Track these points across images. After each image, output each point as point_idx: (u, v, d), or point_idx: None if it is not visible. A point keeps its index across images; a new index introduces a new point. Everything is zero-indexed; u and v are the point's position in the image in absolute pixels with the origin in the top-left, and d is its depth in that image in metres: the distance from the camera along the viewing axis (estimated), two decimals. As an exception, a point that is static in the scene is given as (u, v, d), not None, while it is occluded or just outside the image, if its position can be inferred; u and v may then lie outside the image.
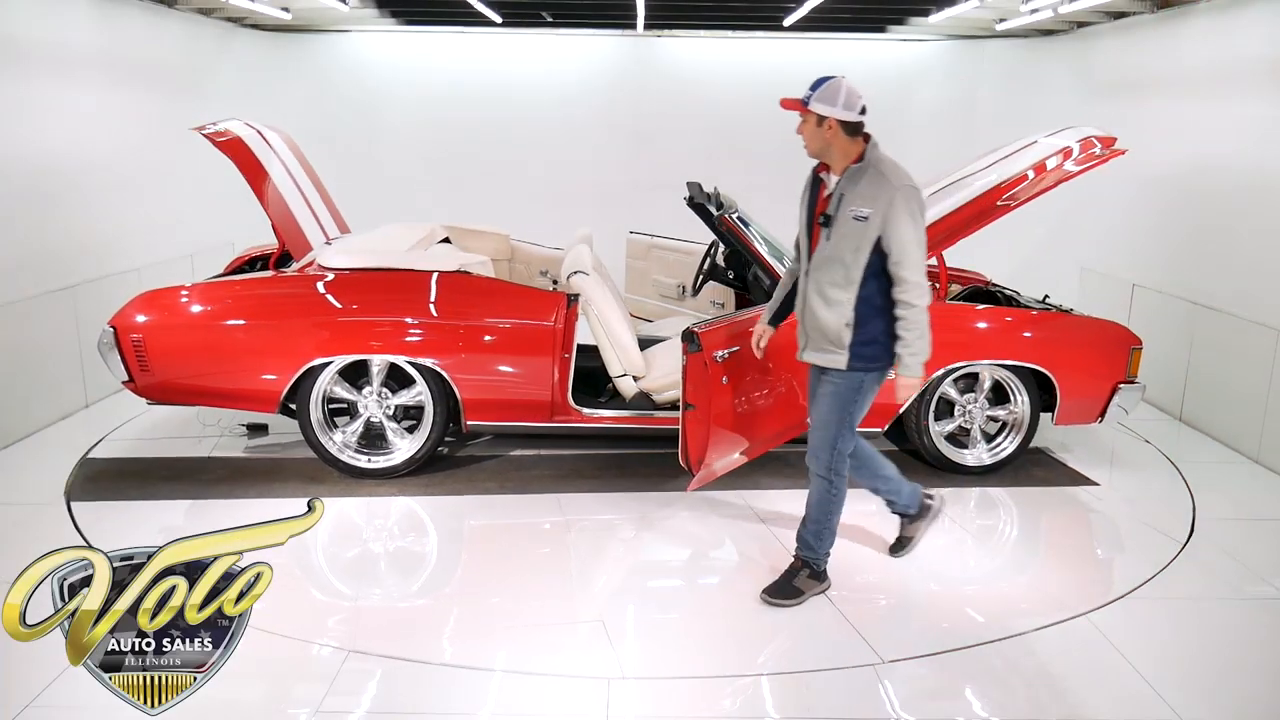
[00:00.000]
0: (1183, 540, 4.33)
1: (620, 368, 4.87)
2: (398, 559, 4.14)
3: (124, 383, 4.63)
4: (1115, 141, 5.03)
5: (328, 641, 3.35)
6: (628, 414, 4.88)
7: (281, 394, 4.64)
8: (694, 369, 4.08)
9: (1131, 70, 7.07)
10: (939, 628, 3.56)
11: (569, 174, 9.00)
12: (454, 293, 4.73)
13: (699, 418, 4.14)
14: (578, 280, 4.81)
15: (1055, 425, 5.04)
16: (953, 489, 4.90)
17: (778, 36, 8.77)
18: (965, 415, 5.06)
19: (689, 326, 4.13)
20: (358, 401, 4.78)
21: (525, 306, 4.72)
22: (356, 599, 3.72)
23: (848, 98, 3.43)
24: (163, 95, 7.06)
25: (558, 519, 4.50)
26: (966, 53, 8.90)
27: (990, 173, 5.05)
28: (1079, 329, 5.03)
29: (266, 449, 5.23)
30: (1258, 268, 5.48)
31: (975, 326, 4.91)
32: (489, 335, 4.69)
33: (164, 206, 6.95)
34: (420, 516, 4.50)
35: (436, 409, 4.74)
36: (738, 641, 3.45)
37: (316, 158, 8.63)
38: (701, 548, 4.37)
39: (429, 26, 8.71)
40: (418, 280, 4.71)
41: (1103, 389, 4.95)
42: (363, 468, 4.80)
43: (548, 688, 3.14)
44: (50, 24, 5.70)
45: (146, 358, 4.55)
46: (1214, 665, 3.38)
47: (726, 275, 5.89)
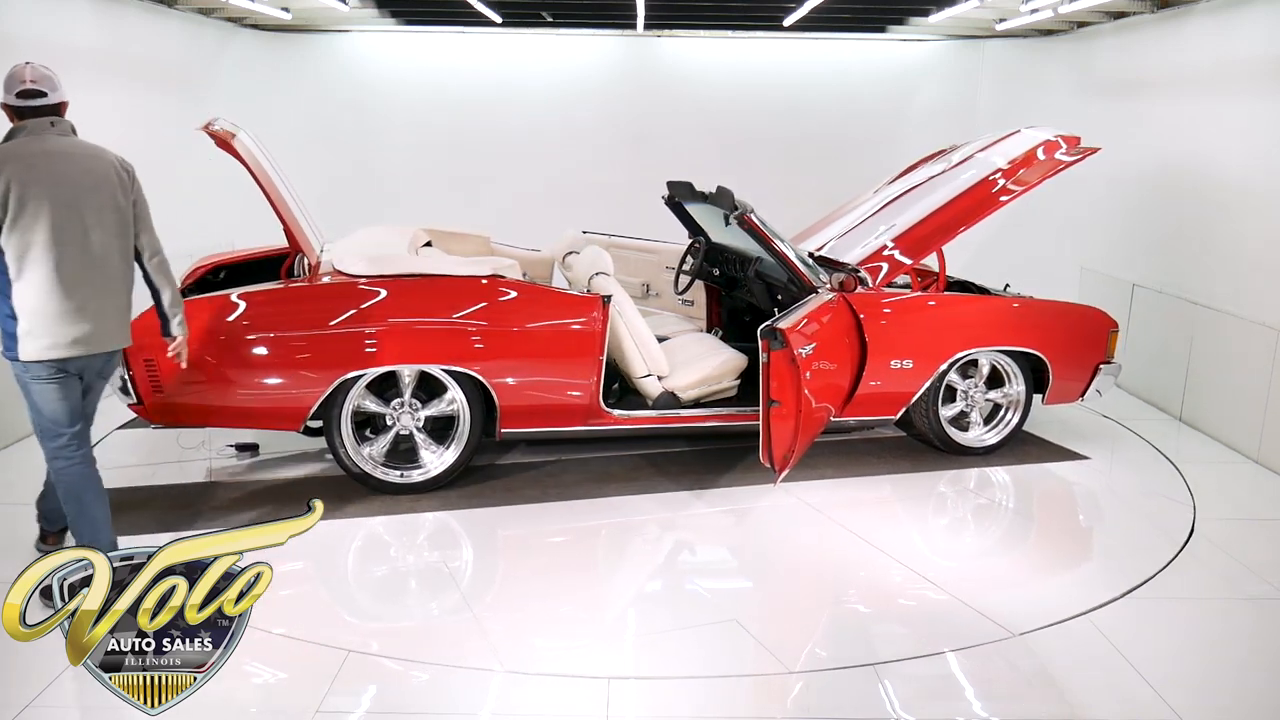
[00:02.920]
0: (1183, 540, 4.33)
1: (645, 368, 4.85)
2: (436, 573, 4.05)
3: (131, 405, 4.35)
4: (1080, 141, 5.32)
5: (328, 641, 3.35)
6: (655, 414, 4.88)
7: (310, 410, 4.40)
8: (780, 366, 4.14)
9: (1131, 70, 7.07)
10: (939, 628, 3.56)
11: (569, 174, 8.99)
12: (491, 297, 4.58)
13: (785, 414, 4.20)
14: (601, 281, 4.79)
15: (1044, 405, 5.37)
16: (954, 489, 4.92)
17: (778, 36, 8.77)
18: (968, 400, 5.24)
19: (768, 324, 4.17)
20: (385, 414, 4.58)
21: (564, 309, 4.62)
22: (379, 613, 3.72)
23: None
24: (163, 95, 7.06)
25: (613, 520, 4.51)
26: (966, 53, 8.91)
27: (951, 178, 5.36)
28: (1066, 314, 5.35)
29: (271, 468, 4.99)
30: (1258, 267, 5.47)
31: (979, 316, 5.18)
32: (529, 340, 4.56)
33: (164, 207, 6.90)
34: (455, 528, 4.36)
35: (473, 417, 4.62)
36: (738, 641, 3.45)
37: (316, 158, 8.69)
38: (707, 547, 4.38)
39: (429, 26, 8.70)
40: (452, 285, 4.56)
41: (1086, 370, 5.32)
42: (396, 483, 4.59)
43: (548, 688, 3.14)
44: (50, 24, 5.70)
45: (160, 378, 4.26)
46: (1214, 665, 3.38)
47: (711, 273, 5.94)
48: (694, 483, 4.86)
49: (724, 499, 4.70)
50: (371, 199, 8.88)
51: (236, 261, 5.33)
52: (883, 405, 5.10)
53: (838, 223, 5.88)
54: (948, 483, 5.05)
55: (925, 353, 5.02)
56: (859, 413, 5.05)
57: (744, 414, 5.00)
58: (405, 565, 4.10)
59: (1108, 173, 7.20)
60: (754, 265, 5.43)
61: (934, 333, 5.07)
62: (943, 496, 4.90)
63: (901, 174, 6.13)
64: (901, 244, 5.12)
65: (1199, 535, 4.38)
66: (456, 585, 3.87)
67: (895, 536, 4.37)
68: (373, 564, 4.11)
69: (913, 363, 4.99)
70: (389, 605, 3.76)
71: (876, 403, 5.06)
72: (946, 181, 5.39)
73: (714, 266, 5.95)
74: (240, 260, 5.33)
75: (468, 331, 4.48)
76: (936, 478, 5.07)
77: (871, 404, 5.05)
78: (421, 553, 4.18)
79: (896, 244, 5.13)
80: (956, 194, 5.19)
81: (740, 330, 6.00)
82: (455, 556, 4.15)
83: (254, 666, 3.09)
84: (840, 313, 4.77)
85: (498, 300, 4.58)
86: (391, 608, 3.74)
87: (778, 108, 8.88)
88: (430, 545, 4.24)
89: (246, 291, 4.48)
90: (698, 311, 6.34)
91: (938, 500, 4.85)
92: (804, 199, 7.55)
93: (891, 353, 4.94)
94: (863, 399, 4.97)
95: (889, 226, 5.31)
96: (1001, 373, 5.29)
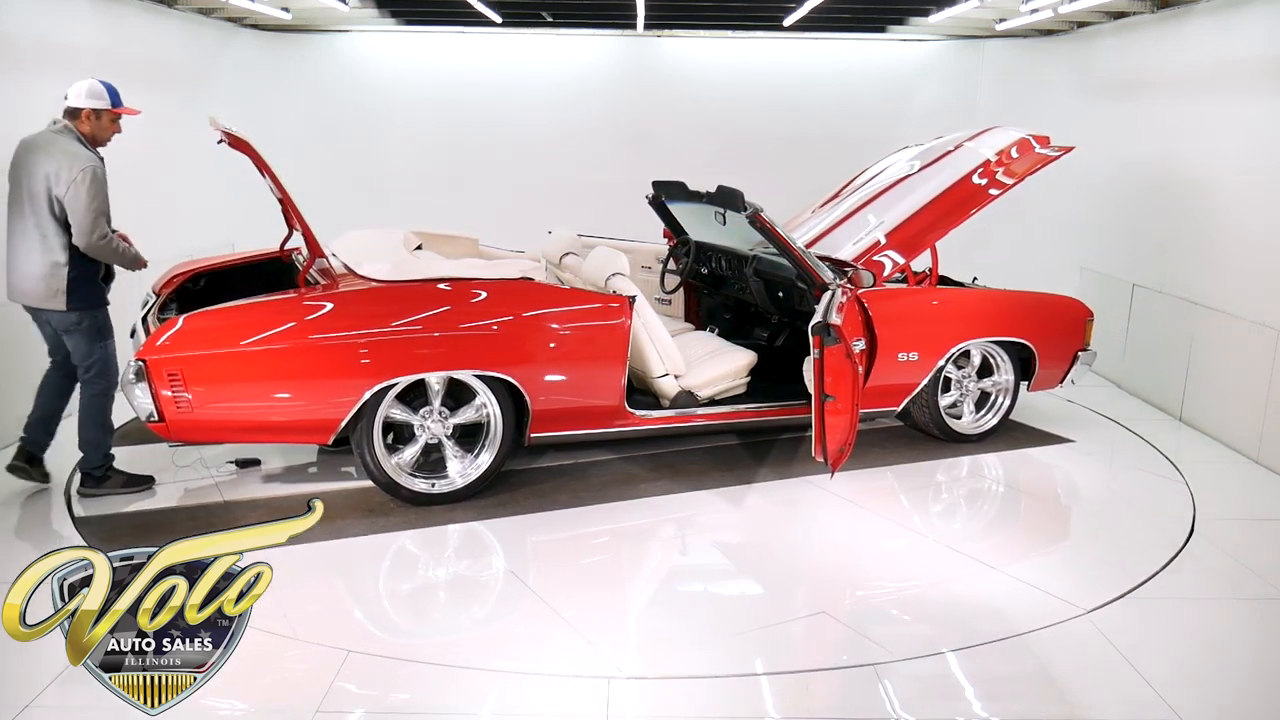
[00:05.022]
0: (1183, 540, 4.33)
1: (663, 367, 4.86)
2: (467, 585, 4.01)
3: (149, 423, 4.10)
4: (1050, 140, 5.51)
5: (328, 641, 3.35)
6: (676, 414, 4.90)
7: (344, 421, 4.24)
8: (834, 361, 4.22)
9: (1131, 70, 7.07)
10: (939, 628, 3.56)
11: (569, 174, 9.00)
12: (523, 300, 4.50)
13: (841, 408, 4.27)
14: (619, 282, 4.78)
15: (1030, 392, 5.60)
16: (954, 490, 4.91)
17: (778, 36, 8.77)
18: (962, 389, 5.48)
19: (820, 320, 4.24)
20: (414, 423, 4.45)
21: (595, 310, 4.59)
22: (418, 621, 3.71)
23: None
24: (163, 95, 7.05)
25: (654, 519, 4.52)
26: (966, 53, 8.91)
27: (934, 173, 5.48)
28: (1048, 305, 5.62)
29: (280, 484, 4.76)
30: (1258, 267, 5.47)
31: (976, 308, 5.39)
32: (562, 342, 4.50)
33: (164, 207, 6.94)
34: (488, 537, 4.28)
35: (505, 422, 4.54)
36: (738, 641, 3.45)
37: (316, 158, 8.70)
38: (712, 546, 4.38)
39: (429, 26, 8.71)
40: (483, 289, 4.46)
41: (1067, 357, 5.60)
42: (428, 493, 4.47)
43: (548, 688, 3.14)
44: (50, 24, 5.70)
45: (186, 393, 4.05)
46: (1214, 665, 3.38)
47: (700, 272, 5.98)
48: (719, 479, 4.90)
49: (767, 493, 4.78)
50: (371, 199, 8.88)
51: (216, 268, 5.18)
52: (889, 397, 5.20)
53: (814, 221, 5.94)
54: (944, 472, 5.15)
55: (929, 345, 5.17)
56: (867, 405, 5.11)
57: (760, 410, 5.08)
58: (456, 576, 4.02)
59: (1108, 173, 7.20)
60: (752, 264, 5.44)
61: (936, 325, 5.23)
62: (943, 496, 4.92)
63: (867, 172, 6.19)
64: (895, 241, 5.22)
65: (1199, 535, 4.38)
66: (497, 592, 3.85)
67: (894, 536, 4.37)
68: (416, 574, 4.03)
69: (918, 355, 5.13)
70: (394, 608, 3.77)
71: (884, 395, 5.16)
72: (931, 177, 5.49)
73: (700, 265, 5.98)
74: (220, 267, 5.18)
75: (504, 336, 4.41)
76: (934, 466, 5.20)
77: (879, 396, 5.14)
78: (450, 563, 4.10)
79: (890, 240, 5.23)
80: (944, 189, 5.32)
81: (729, 328, 6.12)
82: (486, 565, 4.11)
83: (254, 666, 3.08)
84: (852, 308, 4.83)
85: (530, 303, 4.50)
86: (392, 611, 3.75)
87: (778, 108, 8.88)
88: (460, 555, 4.16)
89: (275, 299, 4.31)
90: (674, 310, 6.40)
91: (938, 499, 4.86)
92: (804, 199, 7.53)
93: (899, 346, 5.05)
94: (871, 391, 5.04)
95: (879, 223, 5.40)
96: (991, 362, 5.50)
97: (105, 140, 4.41)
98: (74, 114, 4.30)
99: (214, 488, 4.67)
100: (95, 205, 4.18)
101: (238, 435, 4.38)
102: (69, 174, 4.13)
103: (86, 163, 4.17)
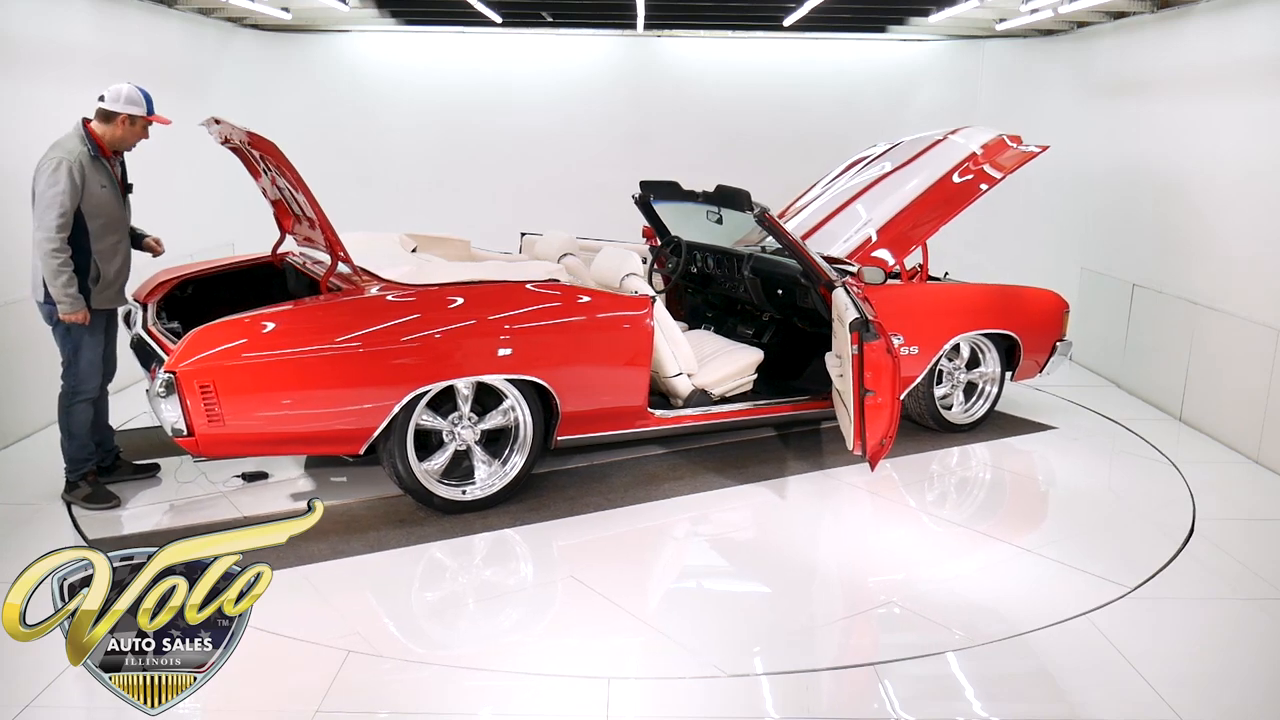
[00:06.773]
0: (1182, 540, 4.33)
1: (677, 366, 4.88)
2: (492, 593, 4.00)
3: (178, 438, 3.88)
4: (1022, 139, 5.65)
5: (328, 641, 3.35)
6: (693, 412, 4.94)
7: (378, 429, 4.11)
8: (875, 357, 4.29)
9: (1131, 70, 7.06)
10: (939, 628, 3.56)
11: (569, 173, 9.00)
12: (554, 302, 4.47)
13: (881, 403, 4.35)
14: (633, 282, 4.79)
15: (1013, 381, 5.81)
16: (952, 480, 4.91)
17: (778, 36, 8.77)
18: (954, 380, 5.66)
19: (858, 316, 4.30)
20: (443, 429, 4.36)
21: (620, 311, 4.58)
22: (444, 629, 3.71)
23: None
24: (163, 95, 7.03)
25: (683, 516, 4.55)
26: (966, 53, 8.91)
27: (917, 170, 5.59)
28: (1030, 297, 5.81)
29: (295, 497, 4.65)
30: (1258, 268, 5.47)
31: (969, 302, 5.57)
32: (590, 344, 4.51)
33: (164, 207, 6.93)
34: (516, 543, 4.25)
35: (535, 426, 4.49)
36: (738, 641, 3.45)
37: (316, 158, 8.66)
38: (715, 545, 4.38)
39: (429, 26, 8.71)
40: (514, 292, 4.39)
41: (1047, 347, 5.80)
42: (460, 500, 4.40)
43: (548, 688, 3.14)
44: (50, 24, 5.70)
45: (220, 406, 3.84)
46: (1214, 665, 3.38)
47: (689, 271, 6.00)
48: (739, 476, 4.95)
49: (795, 488, 4.84)
50: (371, 199, 8.88)
51: (203, 275, 5.13)
52: None
53: (796, 219, 6.00)
54: (942, 463, 5.21)
55: (927, 338, 5.30)
56: None
57: (773, 407, 5.19)
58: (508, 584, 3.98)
59: (1108, 172, 7.20)
60: (749, 263, 5.46)
61: (933, 319, 5.36)
62: (942, 494, 4.92)
63: (846, 169, 6.27)
64: (887, 238, 5.31)
65: (1199, 535, 4.38)
66: (525, 600, 3.85)
67: (894, 534, 4.38)
68: (448, 584, 3.99)
69: (917, 348, 5.24)
70: (390, 608, 3.77)
71: None
72: (916, 172, 5.56)
73: (689, 264, 6.01)
74: (207, 273, 5.14)
75: (536, 338, 4.36)
76: (929, 457, 5.30)
77: None
78: (480, 571, 4.06)
79: (882, 238, 5.31)
80: (931, 184, 5.42)
81: (714, 325, 6.19)
82: (513, 570, 4.09)
83: (254, 666, 3.08)
84: None
85: (559, 305, 4.48)
86: (391, 612, 3.75)
87: (778, 108, 8.88)
88: (487, 561, 4.11)
89: (306, 306, 4.20)
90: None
91: (937, 496, 4.86)
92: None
93: (901, 341, 5.13)
94: None
95: (867, 219, 5.48)
96: (978, 353, 5.69)
97: (130, 146, 4.36)
98: (108, 117, 4.22)
99: (227, 503, 4.58)
100: (50, 195, 4.03)
101: (266, 448, 4.18)
102: (43, 161, 4.11)
103: (60, 153, 4.07)
